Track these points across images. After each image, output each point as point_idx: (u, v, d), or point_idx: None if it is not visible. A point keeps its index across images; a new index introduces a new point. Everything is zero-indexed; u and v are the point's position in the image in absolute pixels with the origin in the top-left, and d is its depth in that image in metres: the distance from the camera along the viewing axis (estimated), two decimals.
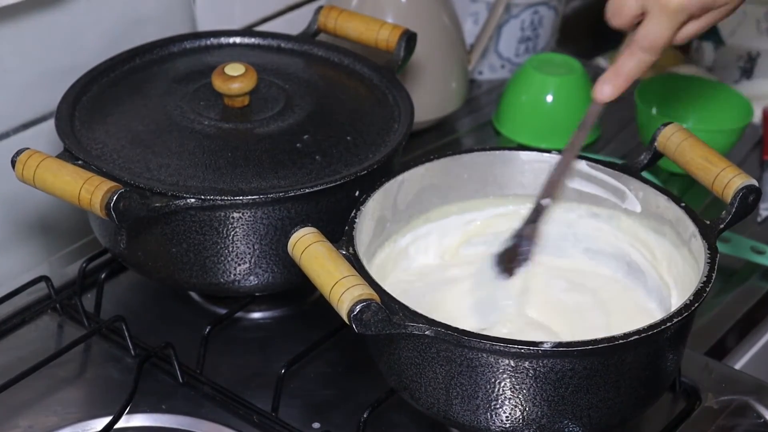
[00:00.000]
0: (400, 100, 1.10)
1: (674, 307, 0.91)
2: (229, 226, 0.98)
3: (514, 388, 0.84)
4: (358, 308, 0.80)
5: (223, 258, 0.99)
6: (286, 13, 1.39)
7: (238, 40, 1.19)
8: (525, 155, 1.04)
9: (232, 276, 1.01)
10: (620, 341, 0.82)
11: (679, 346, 0.90)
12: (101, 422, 0.95)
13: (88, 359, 1.05)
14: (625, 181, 1.01)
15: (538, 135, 1.39)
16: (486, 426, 0.86)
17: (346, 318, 0.81)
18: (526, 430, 0.86)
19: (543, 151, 1.04)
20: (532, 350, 0.82)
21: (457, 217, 1.05)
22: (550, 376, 0.83)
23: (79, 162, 0.97)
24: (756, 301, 1.17)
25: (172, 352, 1.01)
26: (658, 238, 1.00)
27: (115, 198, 0.89)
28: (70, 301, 1.09)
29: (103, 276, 1.09)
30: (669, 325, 0.84)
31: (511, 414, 0.85)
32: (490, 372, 0.83)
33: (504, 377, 0.83)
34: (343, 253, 0.89)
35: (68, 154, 0.98)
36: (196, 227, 0.98)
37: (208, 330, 1.02)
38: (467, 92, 1.45)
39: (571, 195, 1.04)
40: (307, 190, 0.97)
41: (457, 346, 0.83)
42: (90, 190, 0.90)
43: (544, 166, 1.04)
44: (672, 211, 0.97)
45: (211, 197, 0.95)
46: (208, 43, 1.18)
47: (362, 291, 0.81)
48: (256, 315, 1.11)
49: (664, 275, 0.99)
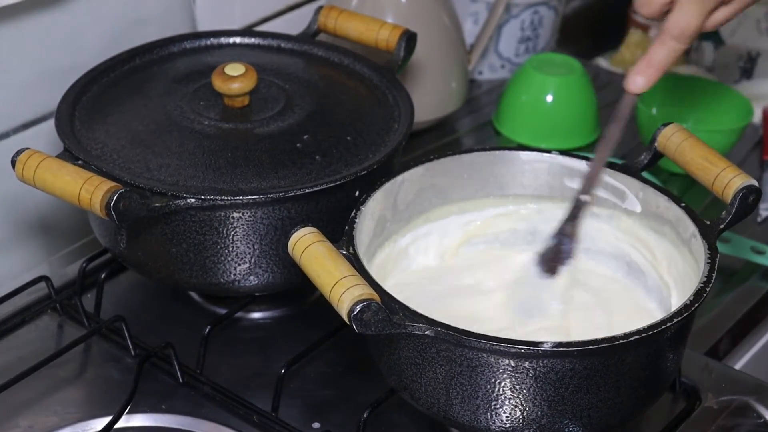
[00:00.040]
0: (400, 100, 1.10)
1: (674, 307, 0.91)
2: (229, 226, 0.98)
3: (514, 388, 0.84)
4: (359, 308, 0.80)
5: (223, 258, 0.99)
6: (286, 13, 1.39)
7: (238, 40, 1.19)
8: (525, 155, 1.04)
9: (232, 276, 1.01)
10: (620, 341, 0.82)
11: (679, 346, 0.90)
12: (101, 422, 0.95)
13: (88, 359, 1.05)
14: (625, 181, 1.01)
15: (538, 135, 1.39)
16: (486, 426, 0.86)
17: (346, 318, 0.81)
18: (526, 430, 0.86)
19: (543, 151, 1.04)
20: (532, 350, 0.81)
21: (457, 217, 1.05)
22: (550, 376, 0.83)
23: (79, 162, 0.97)
24: (756, 301, 1.17)
25: (172, 352, 1.01)
26: (658, 238, 1.00)
27: (115, 198, 0.89)
28: (70, 301, 1.09)
29: (103, 276, 1.09)
30: (669, 325, 0.84)
31: (511, 414, 0.85)
32: (490, 372, 0.83)
33: (504, 377, 0.83)
34: (343, 253, 0.89)
35: (68, 154, 0.98)
36: (196, 227, 0.98)
37: (208, 330, 1.02)
38: (467, 92, 1.45)
39: (571, 195, 1.04)
40: (307, 190, 0.97)
41: (457, 346, 0.83)
42: (90, 190, 0.90)
43: (544, 166, 1.04)
44: (672, 211, 0.97)
45: (211, 197, 0.95)
46: (208, 43, 1.18)
47: (362, 291, 0.81)
48: (256, 315, 1.11)
49: (664, 275, 0.99)
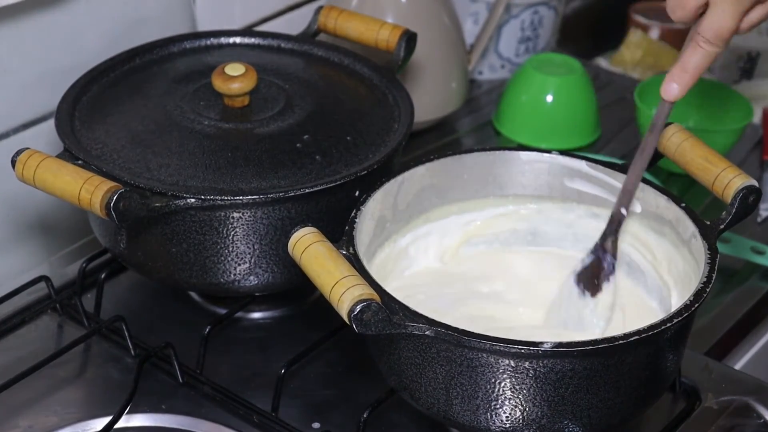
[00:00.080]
0: (400, 100, 1.10)
1: (674, 307, 0.91)
2: (229, 226, 0.98)
3: (514, 388, 0.84)
4: (359, 308, 0.80)
5: (223, 258, 0.99)
6: (286, 13, 1.39)
7: (238, 40, 1.19)
8: (525, 155, 1.04)
9: (232, 276, 1.01)
10: (620, 341, 0.82)
11: (679, 347, 0.90)
12: (101, 422, 0.95)
13: (88, 359, 1.05)
14: None
15: (538, 135, 1.39)
16: (486, 426, 0.86)
17: (346, 318, 0.81)
18: (526, 430, 0.86)
19: (543, 151, 1.04)
20: (532, 350, 0.81)
21: (457, 217, 1.05)
22: (550, 377, 0.83)
23: (79, 162, 0.97)
24: (756, 301, 1.17)
25: (172, 352, 1.01)
26: (658, 238, 1.00)
27: (115, 198, 0.89)
28: (70, 301, 1.08)
29: (103, 276, 1.09)
30: (669, 325, 0.84)
31: (511, 414, 0.85)
32: (491, 372, 0.83)
33: (504, 377, 0.83)
34: (344, 253, 0.89)
35: (68, 154, 0.98)
36: (196, 227, 0.98)
37: (208, 330, 1.02)
38: (467, 92, 1.45)
39: (571, 195, 1.04)
40: (307, 190, 0.97)
41: (457, 346, 0.83)
42: (90, 190, 0.90)
43: (544, 166, 1.04)
44: (672, 211, 0.97)
45: (211, 197, 0.95)
46: (208, 43, 1.18)
47: (362, 291, 0.81)
48: (256, 315, 1.11)
49: (664, 275, 0.99)
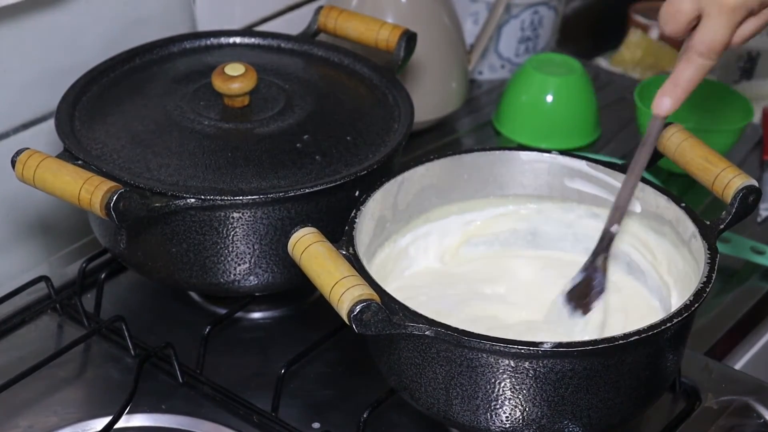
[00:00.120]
0: (400, 100, 1.10)
1: (674, 307, 0.91)
2: (229, 226, 0.98)
3: (514, 388, 0.84)
4: (358, 308, 0.80)
5: (223, 258, 0.99)
6: (286, 13, 1.39)
7: (238, 40, 1.19)
8: (525, 155, 1.04)
9: (232, 276, 1.01)
10: (620, 341, 0.82)
11: (679, 347, 0.90)
12: (101, 422, 0.95)
13: (88, 359, 1.05)
14: None
15: (538, 135, 1.39)
16: (486, 426, 0.86)
17: (346, 318, 0.81)
18: (526, 430, 0.86)
19: (543, 151, 1.04)
20: (532, 350, 0.81)
21: (457, 217, 1.05)
22: (550, 377, 0.83)
23: (79, 162, 0.97)
24: (756, 301, 1.17)
25: (172, 352, 1.01)
26: (658, 238, 1.00)
27: (115, 198, 0.89)
28: (70, 301, 1.09)
29: (103, 276, 1.09)
30: (669, 325, 0.84)
31: (511, 414, 0.85)
32: (490, 372, 0.83)
33: (504, 377, 0.83)
34: (343, 253, 0.89)
35: (68, 154, 0.98)
36: (196, 227, 0.98)
37: (208, 330, 1.02)
38: (467, 92, 1.45)
39: (571, 195, 1.04)
40: (307, 190, 0.97)
41: (457, 347, 0.83)
42: (90, 190, 0.90)
43: (544, 166, 1.04)
44: (672, 211, 0.97)
45: (211, 197, 0.95)
46: (208, 43, 1.18)
47: (362, 291, 0.81)
48: (256, 315, 1.11)
49: (664, 275, 0.99)
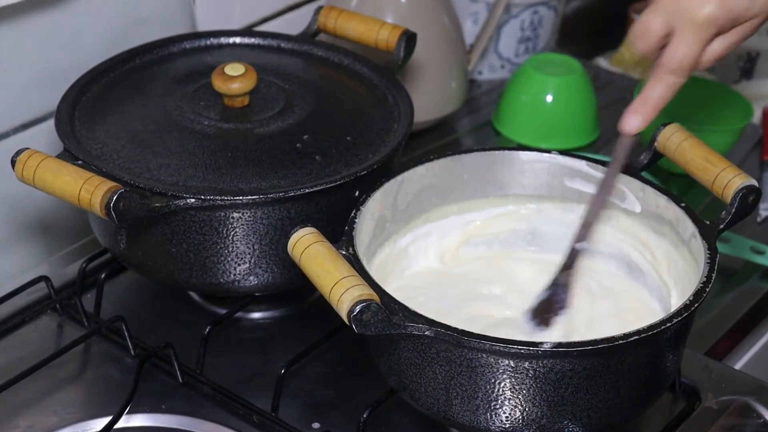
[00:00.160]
0: (400, 100, 1.10)
1: (674, 307, 0.91)
2: (229, 226, 0.98)
3: (514, 388, 0.84)
4: (358, 309, 0.80)
5: (223, 258, 0.99)
6: (286, 13, 1.39)
7: (238, 40, 1.19)
8: (525, 155, 1.04)
9: (232, 276, 1.01)
10: (620, 341, 0.82)
11: (679, 347, 0.90)
12: (101, 422, 0.95)
13: (88, 359, 1.05)
14: (625, 181, 1.01)
15: (538, 135, 1.39)
16: (486, 426, 0.86)
17: (346, 318, 0.81)
18: (525, 430, 0.86)
19: (543, 151, 1.04)
20: (531, 350, 0.81)
21: (456, 217, 1.05)
22: (550, 377, 0.83)
23: (79, 162, 0.97)
24: (756, 301, 1.17)
25: (172, 352, 1.01)
26: (658, 238, 1.00)
27: (115, 198, 0.89)
28: (70, 301, 1.08)
29: (103, 276, 1.09)
30: (669, 325, 0.84)
31: (511, 414, 0.85)
32: (490, 372, 0.83)
33: (504, 377, 0.83)
34: (343, 253, 0.89)
35: (68, 154, 0.98)
36: (196, 227, 0.98)
37: (208, 330, 1.02)
38: (467, 92, 1.45)
39: (571, 195, 1.04)
40: (307, 190, 0.97)
41: (457, 347, 0.83)
42: (90, 190, 0.90)
43: (544, 166, 1.04)
44: (672, 211, 0.97)
45: (211, 197, 0.95)
46: (208, 43, 1.18)
47: (362, 291, 0.81)
48: (256, 315, 1.11)
49: (663, 275, 0.99)
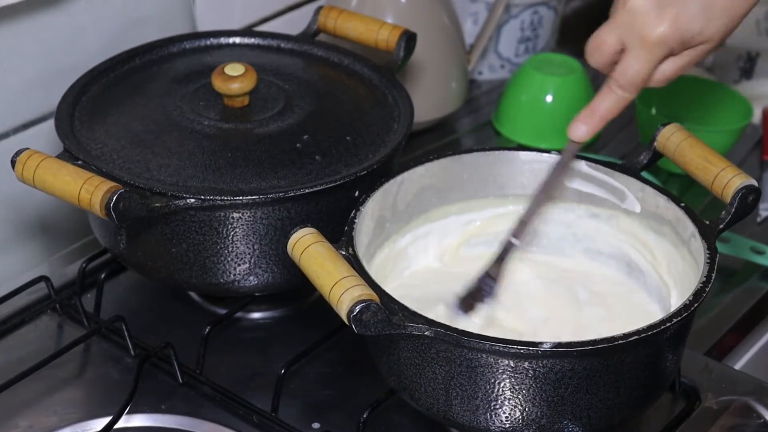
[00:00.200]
0: (400, 100, 1.10)
1: (674, 307, 0.91)
2: (229, 226, 0.98)
3: (514, 388, 0.84)
4: (358, 309, 0.80)
5: (223, 258, 0.99)
6: (286, 13, 1.39)
7: (238, 40, 1.19)
8: (525, 155, 1.04)
9: (232, 276, 1.01)
10: (620, 341, 0.82)
11: (679, 347, 0.90)
12: (101, 422, 0.95)
13: (87, 359, 1.05)
14: (625, 181, 1.01)
15: (538, 135, 1.39)
16: (486, 426, 0.86)
17: (345, 318, 0.81)
18: (525, 431, 0.86)
19: (543, 151, 1.04)
20: (531, 351, 0.81)
21: (456, 217, 1.05)
22: (550, 377, 0.83)
23: (79, 162, 0.97)
24: (756, 301, 1.17)
25: (172, 352, 1.01)
26: (658, 238, 1.00)
27: (115, 198, 0.89)
28: (70, 301, 1.08)
29: (103, 276, 1.09)
30: (669, 325, 0.84)
31: (511, 414, 0.85)
32: (490, 372, 0.83)
33: (503, 378, 0.83)
34: (343, 253, 0.89)
35: (68, 154, 0.98)
36: (196, 227, 0.98)
37: (207, 330, 1.02)
38: (467, 92, 1.45)
39: (571, 195, 1.04)
40: (307, 190, 0.97)
41: (457, 347, 0.83)
42: (90, 190, 0.90)
43: (543, 167, 1.04)
44: (672, 211, 0.97)
45: (211, 197, 0.95)
46: (208, 43, 1.18)
47: (362, 291, 0.81)
48: (256, 315, 1.11)
49: (663, 275, 0.99)
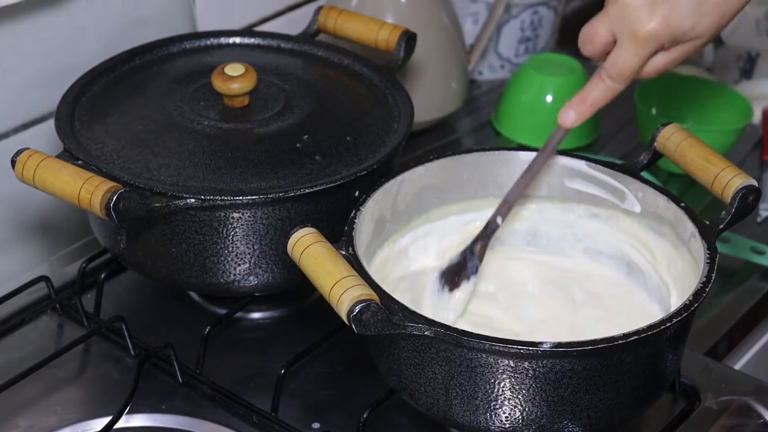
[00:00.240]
0: (400, 100, 1.10)
1: (674, 307, 0.91)
2: (229, 226, 0.98)
3: (514, 388, 0.84)
4: (358, 308, 0.80)
5: (223, 258, 0.99)
6: (286, 13, 1.39)
7: (238, 40, 1.19)
8: (525, 155, 1.04)
9: (232, 276, 1.01)
10: (620, 341, 0.82)
11: (679, 347, 0.90)
12: (101, 422, 0.95)
13: (87, 359, 1.05)
14: (625, 181, 1.01)
15: (538, 135, 1.39)
16: (485, 426, 0.86)
17: (345, 318, 0.81)
18: (525, 431, 0.86)
19: None
20: (531, 350, 0.81)
21: (456, 217, 1.05)
22: (550, 377, 0.83)
23: (79, 162, 0.97)
24: (756, 301, 1.17)
25: (172, 352, 1.01)
26: (658, 239, 1.00)
27: (115, 198, 0.89)
28: (70, 301, 1.08)
29: (103, 276, 1.09)
30: (668, 325, 0.84)
31: (511, 414, 0.85)
32: (490, 372, 0.83)
33: (503, 377, 0.83)
34: (343, 253, 0.89)
35: (68, 154, 0.98)
36: (196, 227, 0.98)
37: (207, 330, 1.02)
38: (467, 92, 1.45)
39: (571, 195, 1.04)
40: (307, 190, 0.97)
41: (457, 347, 0.83)
42: (90, 190, 0.90)
43: (543, 166, 1.04)
44: (671, 211, 0.97)
45: (211, 197, 0.95)
46: (208, 43, 1.18)
47: (362, 291, 0.81)
48: (256, 315, 1.11)
49: (663, 275, 0.99)
